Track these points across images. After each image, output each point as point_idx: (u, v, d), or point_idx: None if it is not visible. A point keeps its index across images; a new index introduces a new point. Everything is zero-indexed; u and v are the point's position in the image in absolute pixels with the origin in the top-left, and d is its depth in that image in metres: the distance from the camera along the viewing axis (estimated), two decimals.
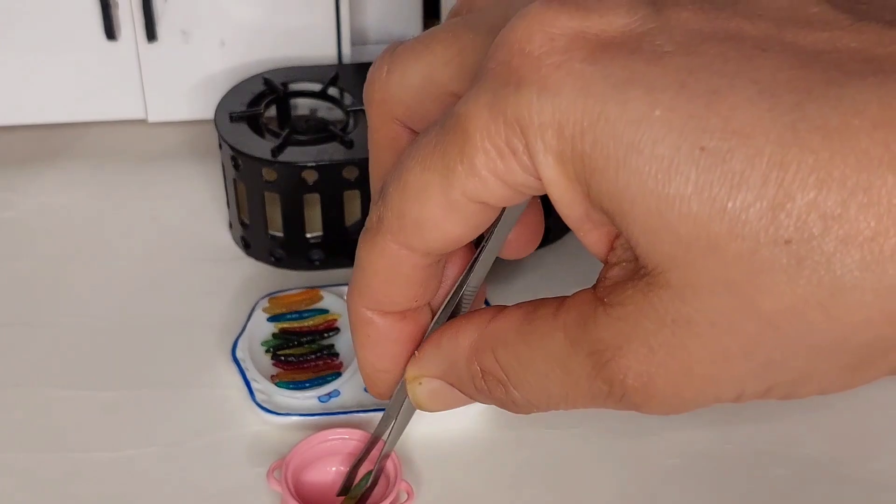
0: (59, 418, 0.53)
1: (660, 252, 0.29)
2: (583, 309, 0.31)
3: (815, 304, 0.27)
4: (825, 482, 0.50)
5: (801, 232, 0.27)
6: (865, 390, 0.55)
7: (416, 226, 0.33)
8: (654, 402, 0.31)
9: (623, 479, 0.51)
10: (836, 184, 0.26)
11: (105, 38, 0.65)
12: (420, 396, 0.37)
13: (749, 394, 0.31)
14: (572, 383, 0.32)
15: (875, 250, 0.26)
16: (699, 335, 0.29)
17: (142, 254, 0.62)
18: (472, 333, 0.35)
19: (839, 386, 0.31)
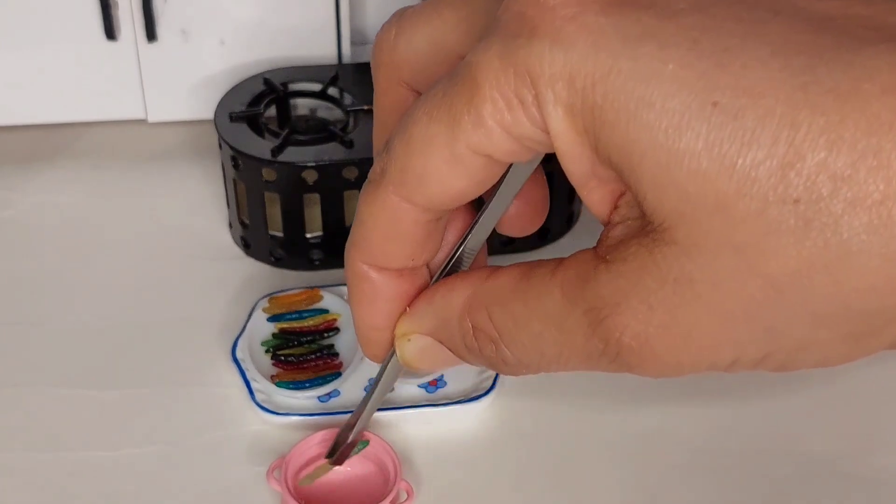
0: (59, 418, 0.53)
1: (667, 208, 0.28)
2: (582, 267, 0.31)
3: (821, 268, 0.27)
4: (827, 480, 0.50)
5: (810, 192, 0.26)
6: (866, 389, 0.55)
7: (420, 178, 0.32)
8: (649, 363, 0.30)
9: (623, 478, 0.51)
10: (846, 146, 0.26)
11: (105, 37, 0.65)
12: (408, 353, 0.37)
13: (746, 361, 0.30)
14: (567, 342, 0.31)
15: (883, 214, 0.26)
16: (701, 295, 0.29)
17: (142, 254, 0.62)
18: (466, 290, 0.34)
19: (838, 357, 0.30)
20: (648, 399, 0.54)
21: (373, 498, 0.48)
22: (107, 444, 0.52)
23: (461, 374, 0.54)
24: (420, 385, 0.54)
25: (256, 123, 0.60)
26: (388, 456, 0.49)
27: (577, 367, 0.32)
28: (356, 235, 0.35)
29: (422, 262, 0.36)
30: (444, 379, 0.54)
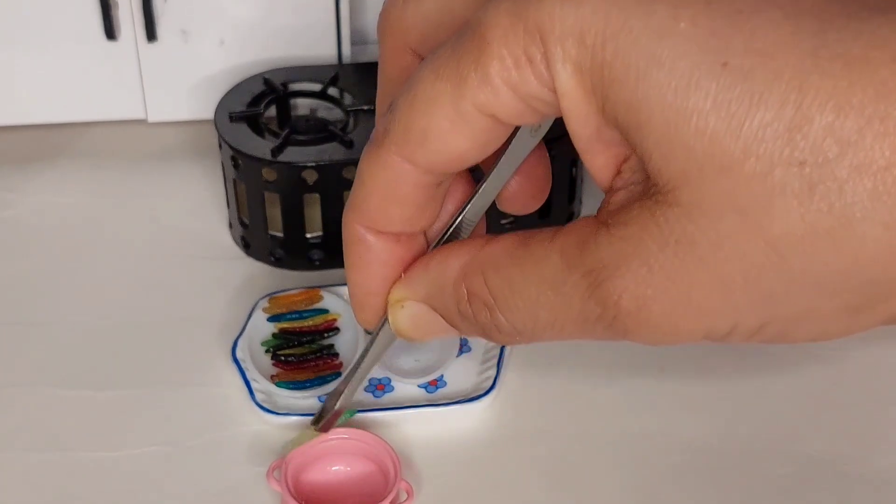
0: (59, 418, 0.53)
1: (672, 168, 0.28)
2: (582, 232, 0.31)
3: (824, 234, 0.27)
4: (827, 480, 0.50)
5: (816, 155, 0.26)
6: (865, 390, 0.55)
7: (423, 138, 0.32)
8: (645, 328, 0.30)
9: (623, 478, 0.51)
10: (853, 111, 0.26)
11: (105, 37, 0.65)
12: (401, 320, 0.36)
13: (743, 329, 0.30)
14: (563, 306, 0.31)
15: (888, 180, 0.26)
16: (702, 258, 0.28)
17: (142, 254, 0.62)
18: (463, 257, 0.34)
19: (836, 330, 0.30)
20: (648, 399, 0.54)
21: (373, 498, 0.48)
22: (107, 444, 0.52)
23: (461, 375, 0.54)
24: (420, 385, 0.54)
25: (256, 123, 0.60)
26: (388, 456, 0.49)
27: (571, 333, 0.32)
28: (355, 197, 0.35)
29: (419, 228, 0.36)
30: (444, 379, 0.54)
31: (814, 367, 0.56)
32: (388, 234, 0.36)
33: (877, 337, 0.57)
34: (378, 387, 0.54)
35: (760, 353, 0.56)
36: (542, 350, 0.56)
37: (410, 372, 0.54)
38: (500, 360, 0.54)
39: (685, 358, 0.56)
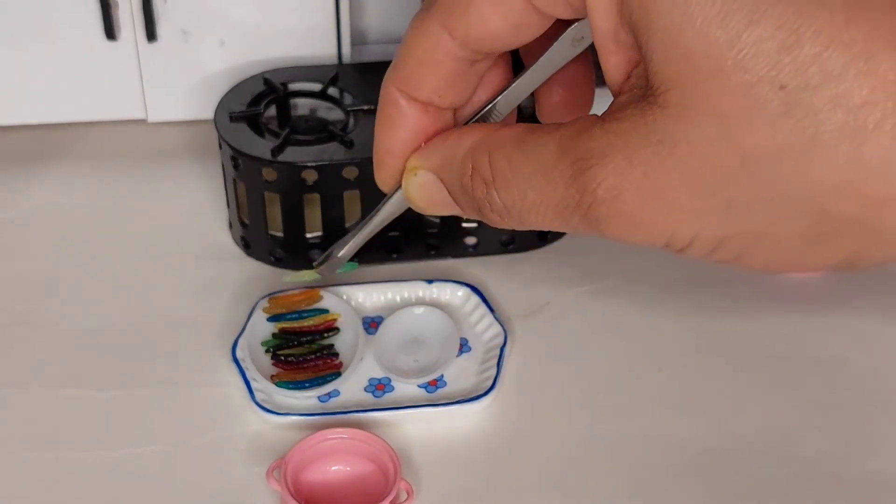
0: (59, 418, 0.53)
1: (669, 69, 0.30)
2: (582, 125, 0.33)
3: (792, 154, 0.29)
4: (825, 481, 0.51)
5: (798, 79, 0.28)
6: (863, 390, 0.55)
7: (464, 10, 0.34)
8: (615, 218, 0.32)
9: (621, 478, 0.51)
10: (843, 46, 0.28)
11: (105, 38, 0.65)
12: (411, 186, 0.39)
13: (703, 240, 0.32)
14: (549, 189, 0.33)
15: (860, 118, 0.28)
16: (679, 158, 0.30)
17: (142, 254, 0.62)
18: (476, 135, 0.36)
19: (790, 257, 0.32)
20: (647, 401, 0.54)
21: (373, 497, 0.48)
22: (107, 443, 0.52)
23: (461, 375, 0.54)
24: (420, 385, 0.54)
25: (256, 123, 0.60)
26: (388, 455, 0.49)
27: (552, 219, 0.34)
28: (396, 60, 0.38)
29: (448, 103, 0.38)
30: (444, 379, 0.54)
31: (812, 369, 0.56)
32: (418, 102, 0.38)
33: (876, 338, 0.57)
34: (378, 387, 0.54)
35: (759, 354, 0.56)
36: (542, 350, 0.56)
37: (410, 372, 0.54)
38: (500, 360, 0.54)
39: (684, 359, 0.56)
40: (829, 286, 0.60)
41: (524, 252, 0.62)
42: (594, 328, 0.58)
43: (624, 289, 0.60)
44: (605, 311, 0.58)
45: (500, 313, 0.57)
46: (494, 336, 0.56)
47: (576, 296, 0.59)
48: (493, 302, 0.58)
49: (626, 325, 0.58)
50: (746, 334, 0.57)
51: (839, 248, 0.31)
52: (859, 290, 0.60)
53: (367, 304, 0.58)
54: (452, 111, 0.39)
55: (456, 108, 0.39)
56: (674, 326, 0.58)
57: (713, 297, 0.59)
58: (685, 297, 0.59)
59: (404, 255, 0.61)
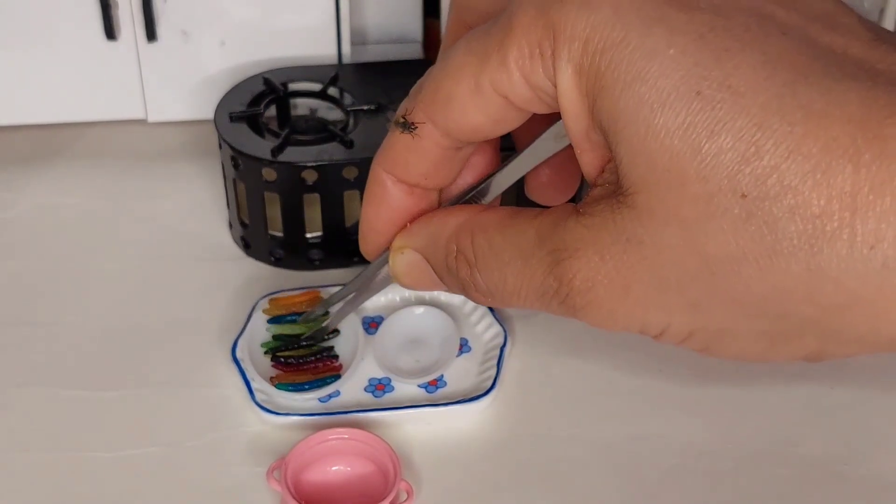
0: (59, 418, 0.53)
1: (635, 174, 0.31)
2: (559, 215, 0.34)
3: (752, 260, 0.30)
4: (825, 482, 0.50)
5: (758, 189, 0.29)
6: (863, 393, 0.55)
7: (446, 101, 0.36)
8: (591, 308, 0.33)
9: (623, 479, 0.51)
10: (801, 158, 0.29)
11: (105, 38, 0.65)
12: (398, 265, 0.40)
13: (674, 332, 0.33)
14: (528, 275, 0.35)
15: (817, 227, 0.29)
16: (645, 258, 0.32)
17: (142, 254, 0.62)
18: (460, 217, 0.38)
19: (754, 352, 0.33)
20: (647, 401, 0.54)
21: (373, 498, 0.48)
22: (107, 444, 0.52)
23: (461, 375, 0.54)
24: (420, 385, 0.54)
25: (256, 123, 0.60)
26: (388, 456, 0.49)
27: (532, 303, 0.35)
28: (384, 143, 0.39)
29: (433, 185, 0.39)
30: (444, 379, 0.54)
31: (812, 370, 0.56)
32: (404, 183, 0.39)
33: None
34: (378, 387, 0.54)
35: None
36: (542, 350, 0.56)
37: (410, 372, 0.54)
38: (500, 361, 0.54)
39: (684, 360, 0.56)
40: None
41: None
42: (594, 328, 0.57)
43: None
44: None
45: (500, 313, 0.57)
46: (494, 336, 0.56)
47: None
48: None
49: None
50: None
51: (802, 346, 0.32)
52: None
53: (367, 304, 0.58)
54: (437, 191, 0.40)
55: (441, 188, 0.40)
56: None
57: None
58: None
59: None
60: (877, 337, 0.30)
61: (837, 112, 0.29)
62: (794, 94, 0.29)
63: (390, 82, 0.63)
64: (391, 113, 0.60)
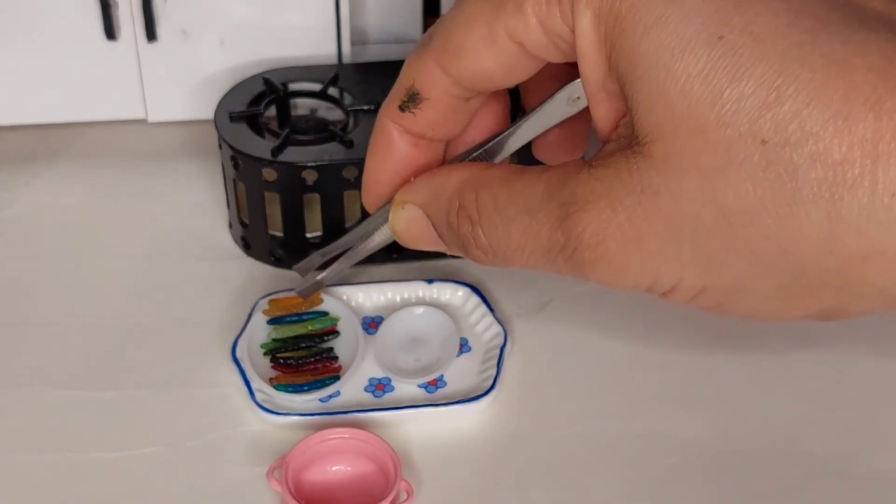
0: (59, 418, 0.53)
1: (653, 122, 0.31)
2: (569, 169, 0.33)
3: (771, 210, 0.29)
4: (827, 479, 0.50)
5: (779, 135, 0.29)
6: (865, 390, 0.55)
7: (458, 50, 0.35)
8: (599, 263, 0.33)
9: (623, 478, 0.51)
10: (822, 105, 0.28)
11: (105, 37, 0.65)
12: (398, 220, 0.39)
13: (685, 287, 0.32)
14: (534, 230, 0.34)
15: (838, 175, 0.28)
16: (660, 209, 0.31)
17: (141, 254, 0.62)
18: (465, 173, 0.37)
19: (768, 310, 0.32)
20: (648, 400, 0.54)
21: (373, 497, 0.48)
22: (107, 444, 0.51)
23: (461, 375, 0.54)
24: (420, 385, 0.54)
25: (256, 123, 0.60)
26: (389, 455, 0.49)
27: (536, 260, 0.35)
28: (392, 92, 0.39)
29: (440, 136, 0.39)
30: (444, 379, 0.54)
31: (814, 368, 0.56)
32: (411, 134, 0.39)
33: (876, 337, 0.57)
34: (378, 387, 0.54)
35: (760, 353, 0.56)
36: (543, 350, 0.56)
37: (410, 372, 0.54)
38: (500, 360, 0.54)
39: (686, 357, 0.56)
40: None
41: None
42: (595, 327, 0.58)
43: None
44: (605, 310, 0.58)
45: (501, 313, 0.57)
46: (495, 336, 0.56)
47: (576, 295, 0.59)
48: (493, 302, 0.58)
49: (627, 324, 0.58)
50: (750, 332, 0.57)
51: (819, 301, 0.32)
52: None
53: (367, 304, 0.58)
54: (444, 144, 0.40)
55: (448, 141, 0.40)
56: (675, 324, 0.58)
57: None
58: None
59: (404, 254, 0.61)
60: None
61: (858, 61, 0.29)
62: (814, 43, 0.29)
63: (390, 82, 0.62)
64: None
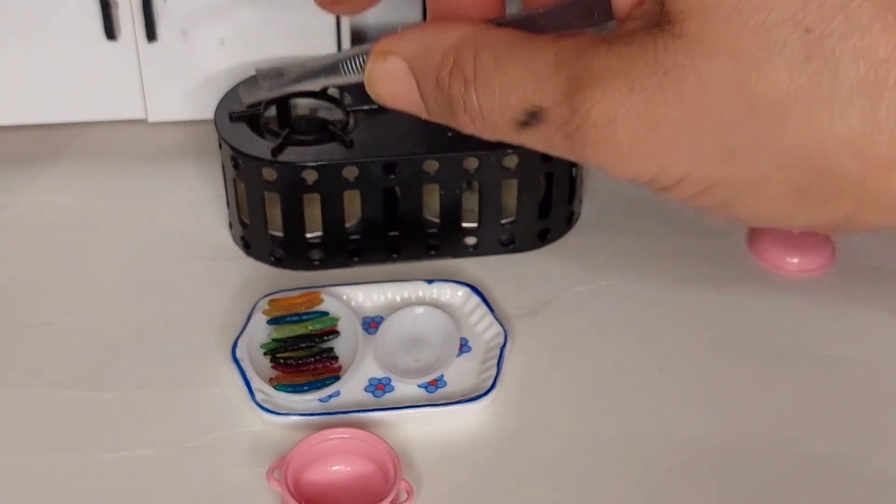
0: (59, 419, 0.53)
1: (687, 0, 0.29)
2: (585, 41, 0.31)
3: (804, 105, 0.28)
4: (827, 479, 0.50)
5: (824, 25, 0.27)
6: (865, 389, 0.55)
7: None
8: (603, 144, 0.30)
9: (623, 478, 0.51)
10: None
11: (105, 38, 0.65)
12: (376, 73, 0.36)
13: (693, 181, 0.30)
14: (536, 101, 0.32)
15: (880, 74, 0.27)
16: (683, 92, 0.29)
17: (141, 253, 0.62)
18: (464, 30, 0.34)
19: (779, 213, 0.31)
20: (648, 399, 0.54)
21: (373, 498, 0.48)
22: (107, 444, 0.52)
23: (461, 375, 0.54)
24: (420, 385, 0.54)
25: (256, 123, 0.60)
26: (389, 455, 0.49)
27: (528, 134, 0.32)
28: None
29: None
30: (444, 379, 0.54)
31: (814, 368, 0.56)
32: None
33: (882, 335, 0.57)
34: (378, 387, 0.54)
35: (763, 351, 0.56)
36: (543, 350, 0.56)
37: (410, 372, 0.54)
38: (500, 360, 0.54)
39: (686, 358, 0.56)
40: (833, 283, 0.60)
41: (524, 252, 0.62)
42: (594, 328, 0.58)
43: (624, 288, 0.60)
44: (605, 311, 0.58)
45: (500, 313, 0.57)
46: (495, 336, 0.56)
47: (576, 295, 0.59)
48: (493, 302, 0.58)
49: (627, 325, 0.58)
50: (750, 332, 0.57)
51: (834, 209, 0.30)
52: (864, 287, 0.60)
53: (367, 304, 0.58)
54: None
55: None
56: (675, 325, 0.58)
57: (715, 294, 0.59)
58: (686, 296, 0.59)
59: (404, 254, 0.61)
60: None
61: None
62: None
63: None
64: None
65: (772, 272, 0.61)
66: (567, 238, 0.63)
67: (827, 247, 0.62)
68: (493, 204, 0.60)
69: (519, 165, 0.59)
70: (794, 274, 0.61)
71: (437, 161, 0.58)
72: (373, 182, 0.58)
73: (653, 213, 0.64)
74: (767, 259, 0.61)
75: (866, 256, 0.62)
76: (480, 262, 0.61)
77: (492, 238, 0.61)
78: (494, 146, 0.59)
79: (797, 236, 0.61)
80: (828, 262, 0.61)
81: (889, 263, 0.61)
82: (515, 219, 0.61)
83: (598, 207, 0.65)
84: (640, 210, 0.64)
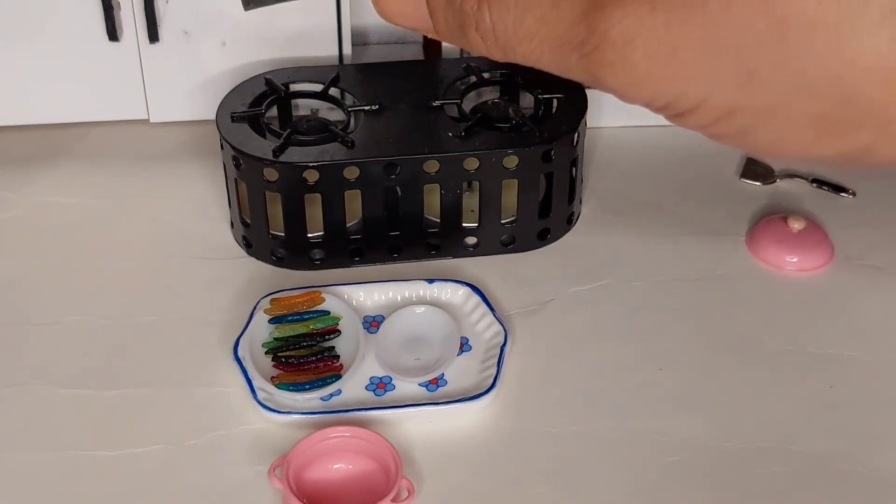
0: (59, 418, 0.53)
1: None
2: None
3: (833, 28, 0.27)
4: (826, 479, 0.51)
5: None
6: (864, 389, 0.55)
7: None
8: (621, 66, 0.29)
9: (623, 477, 0.51)
10: None
11: (107, 39, 0.66)
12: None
13: (711, 106, 0.30)
14: (554, 19, 0.30)
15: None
16: (707, 14, 0.28)
17: (143, 253, 0.62)
18: None
19: (797, 141, 0.30)
20: (648, 400, 0.54)
21: (374, 495, 0.48)
22: (108, 443, 0.52)
23: (462, 374, 0.54)
24: (421, 384, 0.54)
25: (258, 124, 0.60)
26: (390, 454, 0.49)
27: (542, 54, 0.31)
28: None
29: None
30: (445, 378, 0.54)
31: (813, 367, 0.56)
32: None
33: (879, 336, 0.57)
34: (379, 385, 0.54)
35: (761, 351, 0.56)
36: (543, 349, 0.56)
37: (411, 371, 0.54)
38: (501, 359, 0.54)
39: (685, 357, 0.56)
40: (831, 282, 0.60)
41: (524, 252, 0.62)
42: (594, 327, 0.58)
43: (624, 288, 0.60)
44: (604, 310, 0.59)
45: (501, 312, 0.57)
46: (495, 335, 0.56)
47: (575, 295, 0.59)
48: (493, 301, 0.58)
49: (626, 324, 0.58)
50: (748, 332, 0.58)
51: (853, 139, 0.29)
52: (863, 286, 0.60)
53: (368, 304, 0.58)
54: None
55: None
56: (675, 324, 0.58)
57: (714, 295, 0.59)
58: (686, 295, 0.59)
59: (405, 254, 0.61)
60: None
61: None
62: None
63: (391, 83, 0.63)
64: None
65: (771, 271, 0.61)
66: (567, 238, 0.63)
67: (825, 246, 0.62)
68: (493, 204, 0.60)
69: (519, 165, 0.59)
70: (793, 273, 0.61)
71: (438, 161, 0.59)
72: (374, 182, 0.59)
73: (653, 213, 0.64)
74: (766, 258, 0.61)
75: (865, 256, 0.62)
76: (480, 261, 0.61)
77: (492, 238, 0.62)
78: (494, 146, 0.59)
79: (796, 236, 0.61)
80: (826, 262, 0.61)
81: (888, 263, 0.62)
82: (515, 219, 0.61)
83: (598, 207, 0.65)
84: (640, 210, 0.64)
